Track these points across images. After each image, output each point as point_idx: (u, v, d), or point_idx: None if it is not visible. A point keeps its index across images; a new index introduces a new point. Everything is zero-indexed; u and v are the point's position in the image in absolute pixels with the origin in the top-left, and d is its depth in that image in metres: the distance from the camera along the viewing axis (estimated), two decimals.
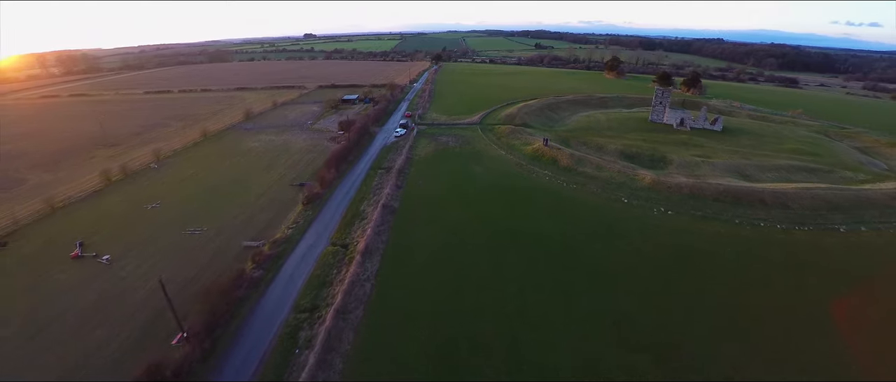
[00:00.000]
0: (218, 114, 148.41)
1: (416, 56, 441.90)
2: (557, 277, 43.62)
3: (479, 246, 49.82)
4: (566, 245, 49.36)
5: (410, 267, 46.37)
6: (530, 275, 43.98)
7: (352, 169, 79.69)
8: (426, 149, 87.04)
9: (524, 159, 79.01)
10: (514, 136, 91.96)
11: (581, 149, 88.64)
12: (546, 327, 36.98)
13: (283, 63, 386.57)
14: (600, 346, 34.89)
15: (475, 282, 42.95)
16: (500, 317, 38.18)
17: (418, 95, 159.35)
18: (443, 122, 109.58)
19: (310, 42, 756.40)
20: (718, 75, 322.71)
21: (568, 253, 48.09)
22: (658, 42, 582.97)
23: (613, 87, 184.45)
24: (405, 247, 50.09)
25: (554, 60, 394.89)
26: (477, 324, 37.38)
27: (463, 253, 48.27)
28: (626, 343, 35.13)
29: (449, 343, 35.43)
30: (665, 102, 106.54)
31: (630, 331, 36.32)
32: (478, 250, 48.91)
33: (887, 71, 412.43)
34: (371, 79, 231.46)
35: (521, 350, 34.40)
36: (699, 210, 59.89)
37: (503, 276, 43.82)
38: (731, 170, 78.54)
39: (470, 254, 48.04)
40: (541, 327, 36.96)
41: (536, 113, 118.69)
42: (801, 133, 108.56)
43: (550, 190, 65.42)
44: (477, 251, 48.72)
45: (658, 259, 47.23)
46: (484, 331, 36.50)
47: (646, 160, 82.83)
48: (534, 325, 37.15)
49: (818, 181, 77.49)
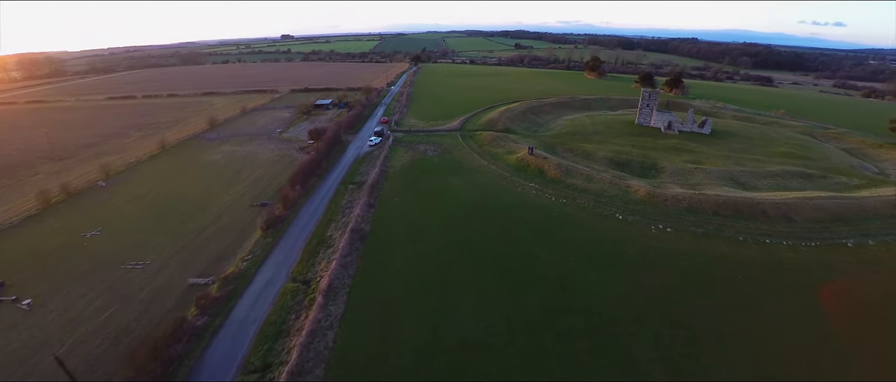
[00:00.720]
0: (181, 122, 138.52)
1: (395, 57, 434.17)
2: (552, 323, 37.61)
3: (461, 280, 43.50)
4: (560, 278, 43.46)
5: (380, 309, 39.73)
6: (521, 321, 37.84)
7: (320, 184, 72.43)
8: (402, 160, 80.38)
9: (508, 170, 73.15)
10: (497, 144, 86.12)
11: (568, 156, 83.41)
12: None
13: (258, 65, 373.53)
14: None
15: (456, 332, 36.51)
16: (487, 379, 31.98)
17: (396, 99, 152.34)
18: (421, 129, 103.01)
19: (287, 43, 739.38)
20: (697, 74, 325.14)
21: (562, 288, 42.17)
22: (636, 41, 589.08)
23: (596, 88, 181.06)
24: (375, 284, 43.41)
25: (534, 60, 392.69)
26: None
27: (442, 292, 41.86)
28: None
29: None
30: (652, 105, 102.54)
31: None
32: (459, 287, 42.57)
33: (854, 69, 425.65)
34: (347, 81, 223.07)
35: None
36: (699, 226, 55.02)
37: (489, 323, 37.51)
38: (726, 177, 74.41)
39: (450, 293, 41.66)
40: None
41: (519, 117, 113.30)
42: (787, 134, 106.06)
43: (538, 206, 59.64)
44: (458, 288, 42.38)
45: (664, 292, 41.79)
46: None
47: (636, 168, 78.11)
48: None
49: (814, 187, 74.15)
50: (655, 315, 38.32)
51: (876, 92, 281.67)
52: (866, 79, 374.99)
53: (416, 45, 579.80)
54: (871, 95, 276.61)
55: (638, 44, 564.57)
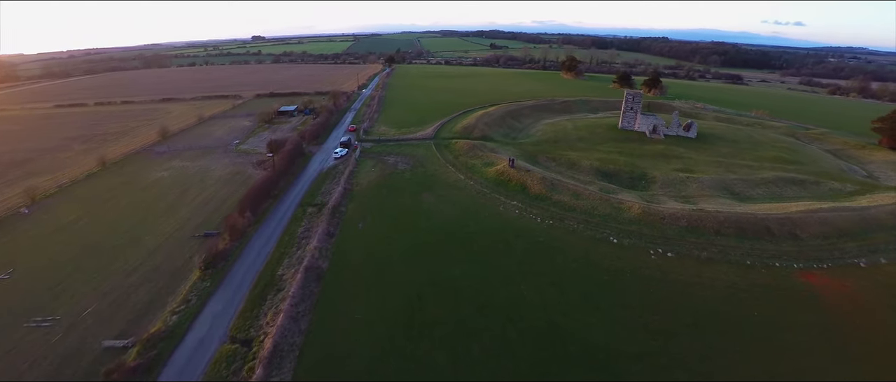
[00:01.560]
0: (131, 133, 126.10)
1: (369, 58, 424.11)
2: None
3: (436, 333, 35.99)
4: (553, 325, 36.46)
5: (336, 376, 31.93)
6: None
7: (275, 207, 63.59)
8: (370, 175, 72.29)
9: (487, 185, 66.09)
10: (474, 154, 79.04)
11: (552, 166, 77.11)
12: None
13: (225, 68, 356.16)
14: None
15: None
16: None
17: (366, 104, 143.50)
18: (391, 138, 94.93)
19: (257, 44, 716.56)
20: (670, 73, 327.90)
21: (557, 339, 35.20)
22: (609, 41, 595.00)
23: (574, 89, 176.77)
24: (332, 342, 35.45)
25: (510, 60, 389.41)
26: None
27: (413, 348, 34.31)
28: None
29: None
30: (636, 108, 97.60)
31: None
32: (434, 341, 35.05)
33: (816, 67, 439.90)
34: (317, 85, 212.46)
35: None
36: (702, 248, 49.26)
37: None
38: (719, 187, 69.52)
39: (423, 351, 34.12)
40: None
41: (497, 122, 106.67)
42: (772, 136, 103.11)
43: (523, 230, 52.68)
44: (433, 343, 34.85)
45: (675, 339, 35.40)
46: None
47: (625, 178, 72.41)
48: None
49: (809, 195, 70.28)
50: (671, 369, 31.84)
51: (840, 89, 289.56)
52: (828, 76, 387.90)
53: (391, 45, 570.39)
54: (835, 92, 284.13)
55: (611, 43, 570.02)
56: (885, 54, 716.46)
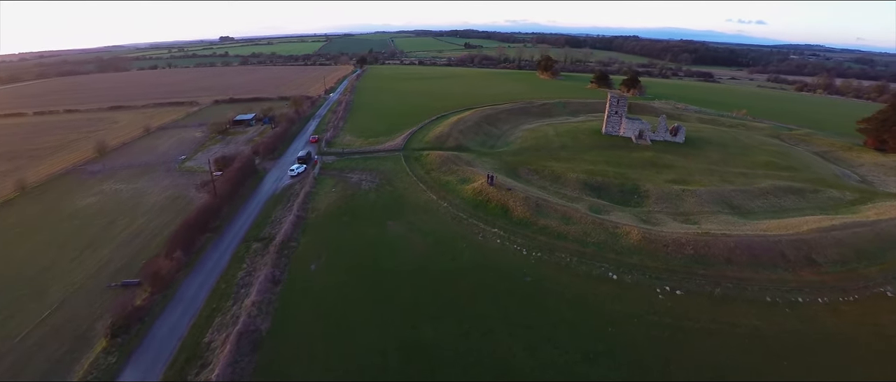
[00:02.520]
0: (66, 149, 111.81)
1: (340, 59, 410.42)
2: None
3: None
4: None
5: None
6: None
7: (215, 243, 53.45)
8: (329, 198, 62.88)
9: (463, 207, 57.77)
10: (448, 169, 70.63)
11: (535, 180, 69.53)
12: None
13: (187, 71, 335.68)
14: None
15: None
16: None
17: (332, 110, 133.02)
18: (356, 150, 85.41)
19: (225, 46, 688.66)
20: (643, 71, 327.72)
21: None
22: (583, 40, 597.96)
23: (551, 90, 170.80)
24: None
25: (484, 60, 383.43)
26: None
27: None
28: None
29: None
30: (621, 112, 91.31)
31: None
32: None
33: (781, 64, 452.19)
34: (282, 89, 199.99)
35: None
36: (714, 282, 42.36)
37: None
38: (718, 200, 63.43)
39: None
40: None
41: (473, 129, 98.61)
42: (759, 139, 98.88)
43: (507, 267, 44.54)
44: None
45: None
46: None
47: (616, 192, 65.47)
48: None
49: (809, 205, 65.26)
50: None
51: (807, 86, 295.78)
52: (792, 73, 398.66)
53: (364, 45, 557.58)
54: (803, 89, 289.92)
55: (585, 42, 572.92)
56: (840, 51, 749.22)
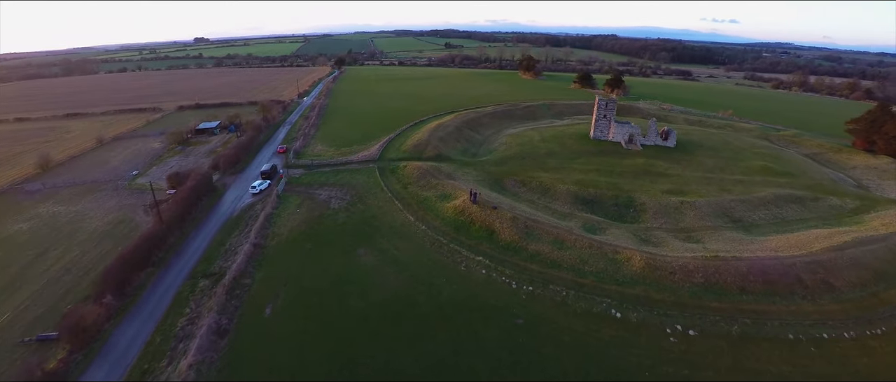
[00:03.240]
0: (6, 163, 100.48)
1: (318, 60, 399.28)
2: None
3: None
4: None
5: None
6: None
7: (156, 280, 45.76)
8: (293, 220, 55.71)
9: (444, 229, 51.43)
10: (427, 183, 64.19)
11: (522, 193, 63.72)
12: None
13: (157, 74, 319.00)
14: None
15: None
16: None
17: (304, 116, 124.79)
18: (327, 162, 78.05)
19: (199, 47, 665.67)
20: (624, 70, 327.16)
21: None
22: (563, 39, 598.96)
23: (534, 91, 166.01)
24: None
25: (465, 60, 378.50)
26: None
27: None
28: None
29: None
30: (609, 116, 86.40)
31: None
32: None
33: (756, 62, 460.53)
34: (254, 92, 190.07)
35: None
36: (731, 318, 37.13)
37: None
38: (718, 212, 58.78)
39: None
40: None
41: (454, 135, 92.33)
42: (749, 141, 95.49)
43: (495, 305, 38.35)
44: None
45: None
46: None
47: (610, 205, 60.17)
48: None
49: (812, 215, 61.40)
50: None
51: (783, 83, 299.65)
52: (766, 70, 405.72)
53: (343, 46, 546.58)
54: (779, 87, 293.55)
55: (565, 41, 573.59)
56: (808, 49, 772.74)
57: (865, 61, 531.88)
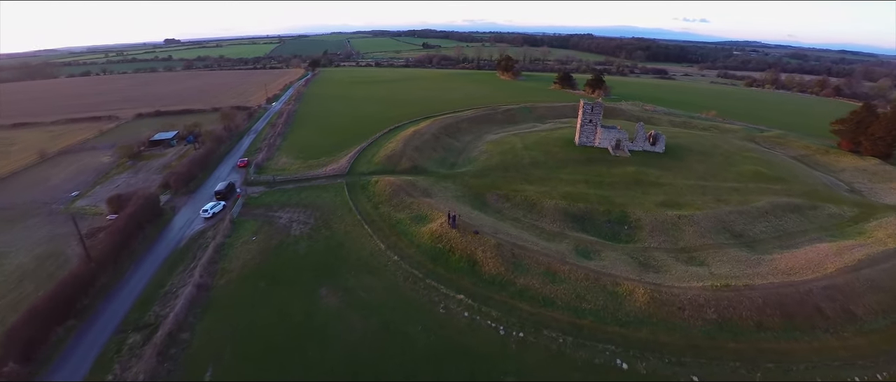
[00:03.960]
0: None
1: (292, 62, 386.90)
2: None
3: None
4: None
5: None
6: None
7: (77, 335, 38.00)
8: (247, 252, 48.56)
9: (419, 260, 45.17)
10: (401, 202, 57.83)
11: (506, 210, 58.06)
12: None
13: (121, 78, 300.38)
14: None
15: None
16: None
17: (271, 123, 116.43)
18: (292, 177, 70.77)
19: (169, 49, 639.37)
20: (601, 69, 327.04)
21: None
22: (540, 38, 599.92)
23: (514, 92, 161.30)
24: None
25: (443, 60, 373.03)
26: None
27: None
28: None
29: None
30: (595, 120, 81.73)
31: None
32: None
33: (728, 60, 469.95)
34: (220, 97, 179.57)
35: None
36: (751, 361, 32.20)
37: None
38: (718, 227, 54.42)
39: None
40: None
41: (430, 144, 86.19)
42: (737, 144, 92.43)
43: (480, 362, 32.29)
44: None
45: None
46: None
47: (602, 223, 55.06)
48: None
49: (813, 226, 57.94)
50: None
51: (756, 81, 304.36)
52: (738, 68, 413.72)
53: (319, 47, 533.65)
54: (752, 84, 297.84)
55: (542, 40, 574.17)
56: (774, 47, 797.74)
57: (829, 58, 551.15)
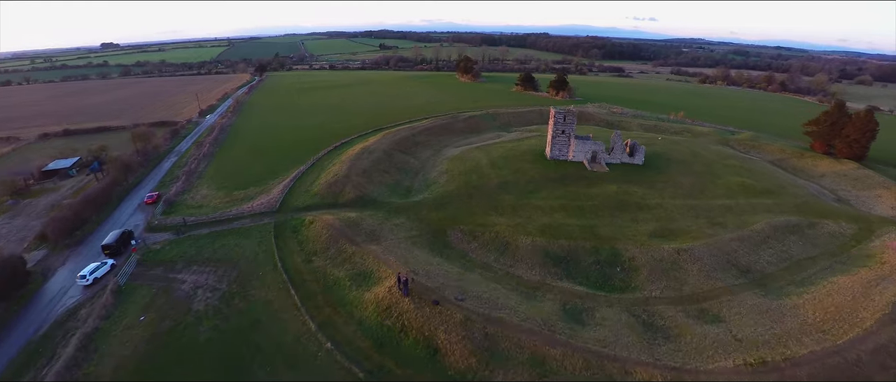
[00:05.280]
0: None
1: (238, 66, 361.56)
2: None
3: None
4: None
5: None
6: None
7: None
8: (127, 344, 35.20)
9: (360, 348, 33.48)
10: (340, 251, 45.84)
11: (473, 252, 47.46)
12: None
13: (43, 88, 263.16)
14: None
15: None
16: None
17: (199, 142, 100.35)
18: (208, 219, 56.94)
19: (106, 53, 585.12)
20: (560, 68, 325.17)
21: None
22: (498, 37, 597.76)
23: (475, 96, 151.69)
24: None
25: (401, 62, 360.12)
26: None
27: None
28: None
29: None
30: (569, 131, 72.82)
31: None
32: None
33: (680, 57, 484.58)
34: (149, 110, 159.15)
35: None
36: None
37: None
38: (722, 261, 46.22)
39: None
40: None
41: (381, 164, 74.34)
42: (713, 150, 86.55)
43: None
44: None
45: None
46: None
47: (590, 265, 45.47)
48: None
49: (817, 250, 51.74)
50: None
51: (708, 78, 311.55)
52: (690, 65, 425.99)
53: (272, 49, 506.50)
54: (705, 81, 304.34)
55: (500, 39, 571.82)
56: (718, 44, 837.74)
57: (768, 54, 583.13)
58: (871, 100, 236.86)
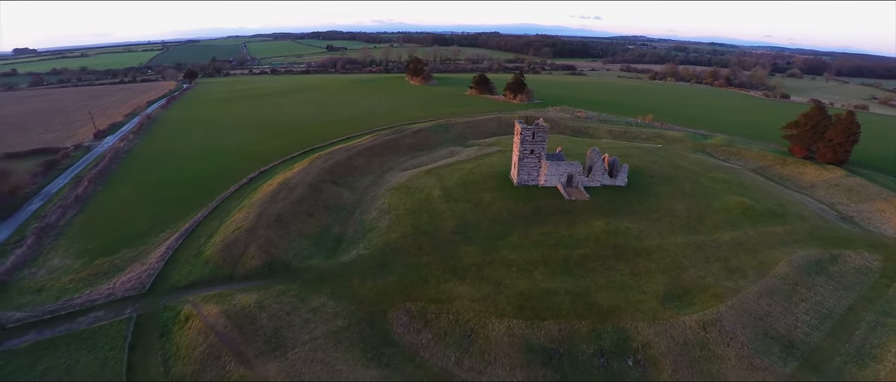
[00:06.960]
0: None
1: (168, 73, 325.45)
2: None
3: None
4: None
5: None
6: None
7: None
8: None
9: None
10: (222, 379, 30.08)
11: (423, 348, 33.05)
12: None
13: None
14: None
15: None
16: None
17: (79, 177, 78.78)
18: (43, 312, 38.58)
19: (17, 60, 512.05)
20: (513, 67, 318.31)
21: None
22: (449, 37, 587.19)
23: (426, 101, 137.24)
24: None
25: (348, 64, 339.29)
26: None
27: None
28: None
29: None
30: (539, 150, 59.98)
31: None
32: None
33: (627, 54, 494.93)
34: (38, 132, 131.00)
35: None
36: None
37: None
38: (759, 333, 34.65)
39: None
40: None
41: (303, 207, 57.92)
42: (696, 161, 76.90)
43: None
44: None
45: None
46: None
47: (592, 362, 32.27)
48: None
49: (853, 294, 41.31)
50: None
51: (658, 74, 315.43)
52: (638, 62, 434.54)
53: (210, 53, 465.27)
54: (655, 77, 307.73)
55: (451, 39, 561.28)
56: (658, 41, 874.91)
57: (704, 50, 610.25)
58: (809, 92, 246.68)
